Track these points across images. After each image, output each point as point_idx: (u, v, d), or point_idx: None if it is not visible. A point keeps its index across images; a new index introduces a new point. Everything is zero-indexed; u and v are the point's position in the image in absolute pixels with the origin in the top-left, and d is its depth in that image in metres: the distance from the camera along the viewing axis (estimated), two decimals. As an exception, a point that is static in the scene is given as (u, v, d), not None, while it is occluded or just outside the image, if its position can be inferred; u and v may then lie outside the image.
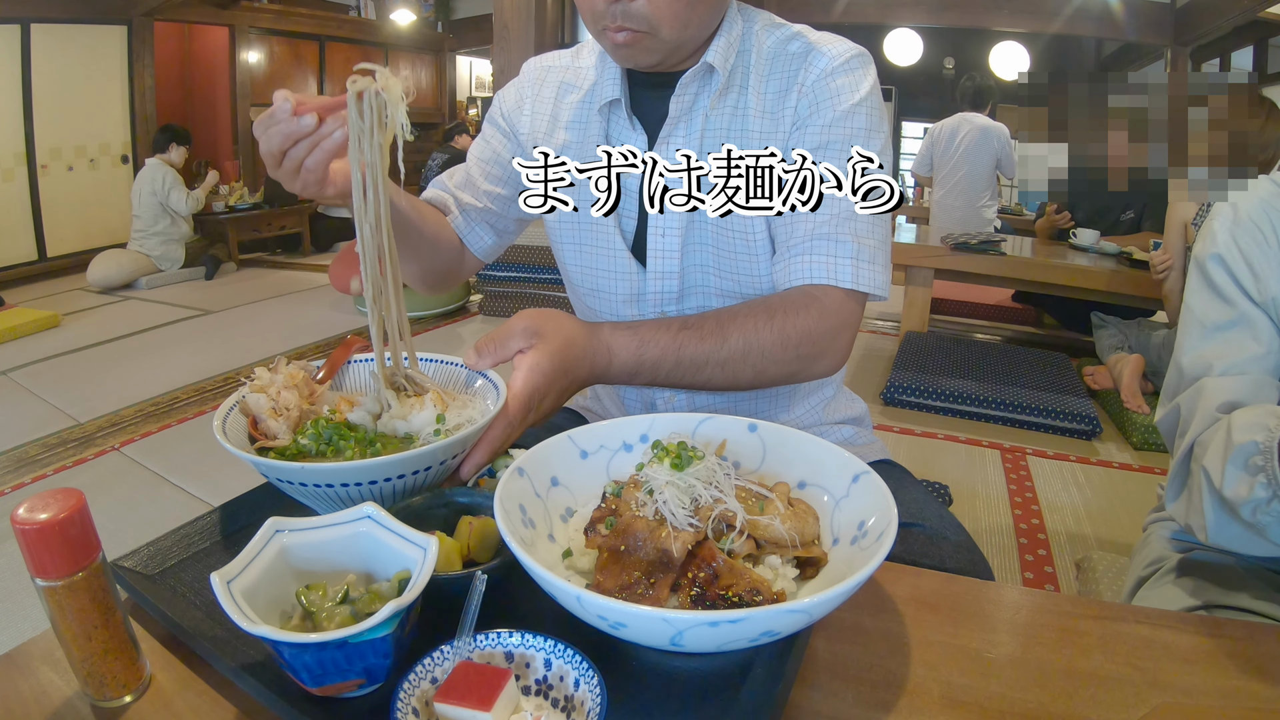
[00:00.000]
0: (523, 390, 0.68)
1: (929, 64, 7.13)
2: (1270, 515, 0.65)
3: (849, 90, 0.82)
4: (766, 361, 0.78)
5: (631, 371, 0.76)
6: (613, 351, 0.75)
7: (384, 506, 0.58)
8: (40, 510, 0.47)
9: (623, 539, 0.56)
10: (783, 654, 0.52)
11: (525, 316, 0.71)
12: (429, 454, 0.60)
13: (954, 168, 4.03)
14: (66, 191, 5.26)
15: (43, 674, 0.54)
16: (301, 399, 0.68)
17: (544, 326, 0.70)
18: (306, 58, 7.11)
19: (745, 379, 0.79)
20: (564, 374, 0.71)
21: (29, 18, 4.84)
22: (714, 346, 0.77)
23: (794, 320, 0.78)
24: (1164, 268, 2.58)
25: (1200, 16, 5.00)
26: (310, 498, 0.62)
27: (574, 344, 0.72)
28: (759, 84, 0.85)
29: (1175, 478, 0.80)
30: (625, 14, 0.76)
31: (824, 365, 0.82)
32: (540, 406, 0.69)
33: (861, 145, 0.80)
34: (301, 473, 0.58)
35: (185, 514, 0.71)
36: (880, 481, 0.60)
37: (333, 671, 0.47)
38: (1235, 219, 0.80)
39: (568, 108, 0.95)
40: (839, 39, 0.86)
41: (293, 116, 0.65)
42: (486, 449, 0.66)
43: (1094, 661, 0.56)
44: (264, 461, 0.59)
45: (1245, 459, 0.67)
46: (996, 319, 4.05)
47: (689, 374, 0.78)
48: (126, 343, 3.79)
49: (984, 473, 2.38)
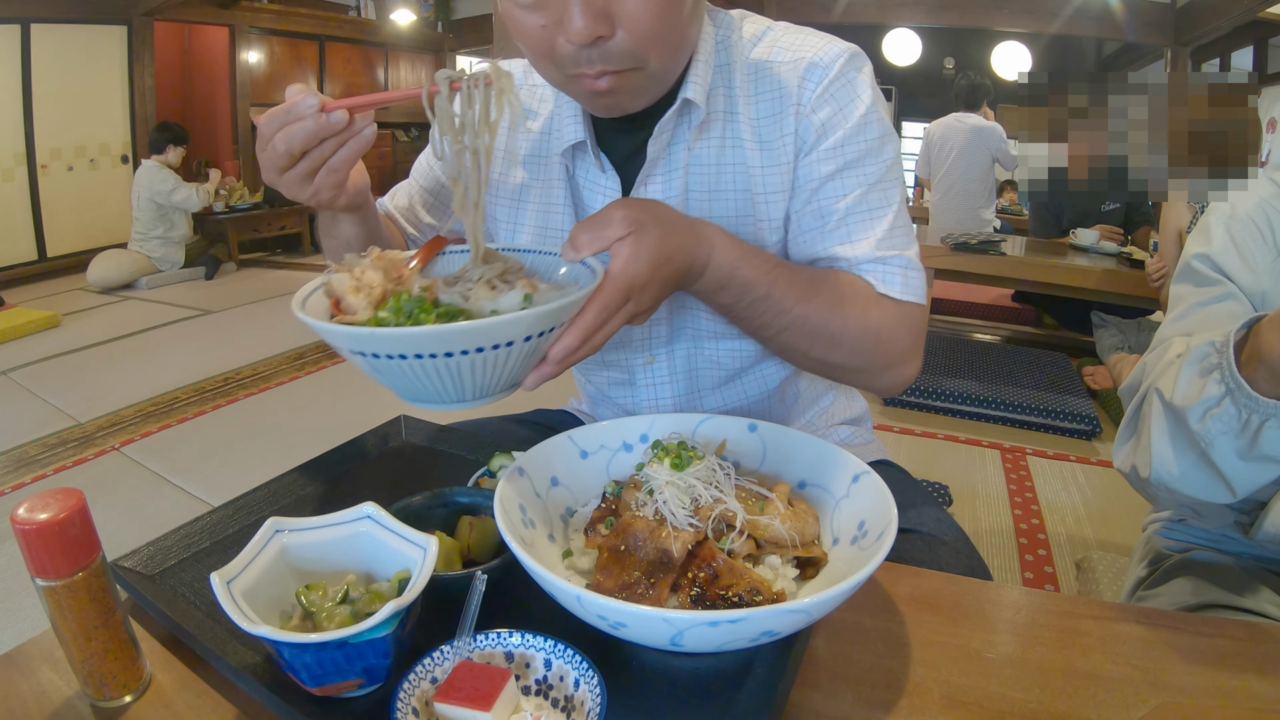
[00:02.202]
0: (621, 275, 0.59)
1: (929, 64, 7.13)
2: (1220, 422, 0.64)
3: (852, 102, 0.75)
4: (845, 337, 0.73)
5: (723, 281, 0.68)
6: (714, 249, 0.67)
7: (461, 399, 0.55)
8: (40, 510, 0.47)
9: (623, 539, 0.56)
10: (783, 654, 0.52)
11: (622, 204, 0.63)
12: (508, 324, 0.52)
13: (948, 170, 4.03)
14: (66, 191, 5.26)
15: (43, 674, 0.54)
16: (388, 280, 0.61)
17: (643, 214, 0.62)
18: (306, 58, 7.11)
19: (815, 349, 0.73)
20: (666, 261, 0.62)
21: (29, 18, 4.84)
22: (803, 294, 0.71)
23: (875, 314, 0.74)
24: (1159, 276, 2.58)
25: (1200, 16, 4.99)
26: (389, 374, 0.56)
27: (675, 231, 0.64)
28: (748, 108, 0.78)
29: (1126, 427, 0.78)
30: (605, 55, 0.64)
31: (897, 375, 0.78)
32: (640, 298, 0.61)
33: (875, 157, 0.76)
34: (370, 339, 0.52)
35: (185, 514, 0.71)
36: (880, 481, 0.60)
37: (333, 671, 0.47)
38: (1233, 215, 0.80)
39: (524, 140, 0.85)
40: (826, 39, 0.78)
41: (321, 113, 0.60)
42: (579, 333, 0.58)
43: (1094, 661, 0.56)
44: (332, 328, 0.53)
45: (1201, 359, 0.67)
46: (996, 319, 4.05)
47: (769, 314, 0.71)
48: (126, 343, 3.79)
49: (984, 473, 2.38)
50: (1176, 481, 0.70)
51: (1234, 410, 0.63)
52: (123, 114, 5.56)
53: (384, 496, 0.72)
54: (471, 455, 0.85)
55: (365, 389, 3.13)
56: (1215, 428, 0.65)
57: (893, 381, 0.78)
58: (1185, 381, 0.67)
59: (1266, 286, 0.77)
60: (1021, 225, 4.44)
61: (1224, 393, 0.64)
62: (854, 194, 0.76)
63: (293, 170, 0.64)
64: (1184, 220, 2.52)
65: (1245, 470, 0.65)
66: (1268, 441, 0.62)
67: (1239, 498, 0.68)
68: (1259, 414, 0.62)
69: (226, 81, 6.56)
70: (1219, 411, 0.64)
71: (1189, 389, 0.67)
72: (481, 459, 0.82)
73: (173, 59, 6.53)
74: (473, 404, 0.58)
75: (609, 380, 0.91)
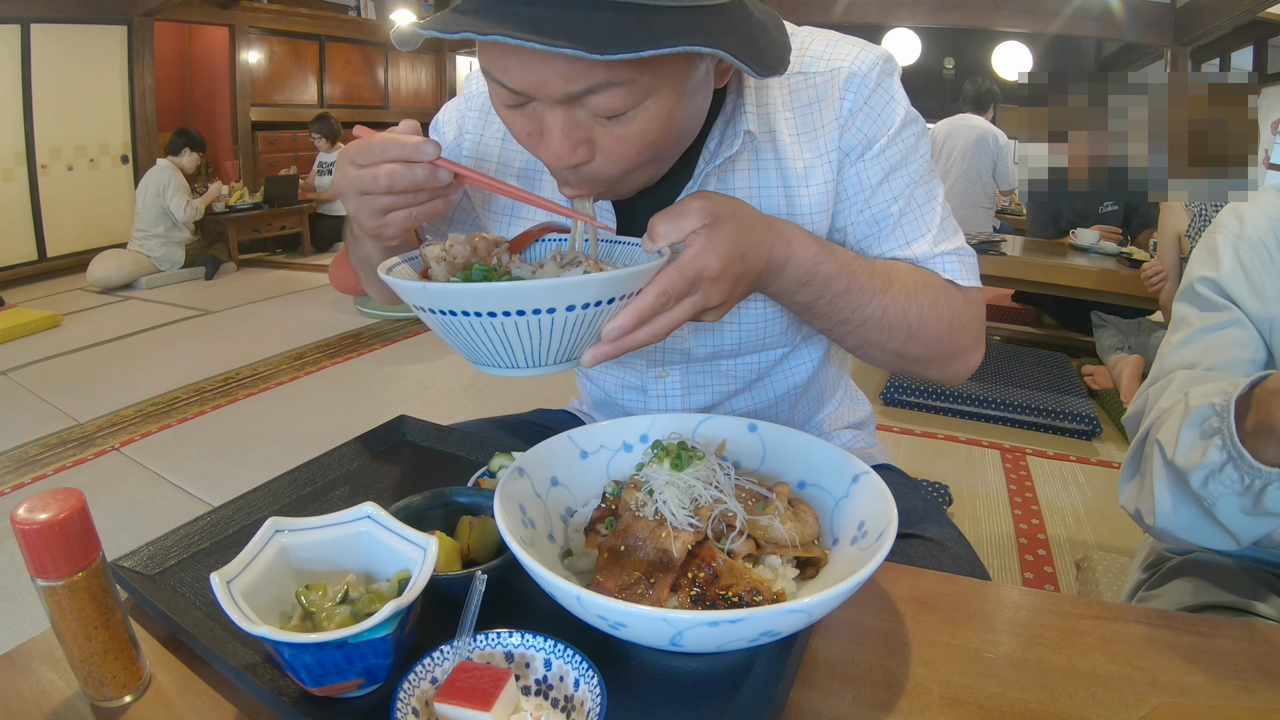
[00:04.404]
0: (690, 264, 0.57)
1: (929, 64, 7.13)
2: (1222, 485, 0.63)
3: (890, 108, 0.75)
4: (922, 327, 0.73)
5: (805, 279, 0.66)
6: (793, 246, 0.65)
7: (514, 365, 0.57)
8: (40, 510, 0.47)
9: (623, 539, 0.56)
10: (783, 654, 0.52)
11: (701, 195, 0.61)
12: (545, 289, 0.52)
13: (949, 169, 4.03)
14: (66, 191, 5.26)
15: (43, 674, 0.54)
16: (475, 256, 0.63)
17: (722, 207, 0.60)
18: (306, 58, 7.11)
19: (893, 342, 0.72)
20: (740, 258, 0.60)
21: (29, 18, 4.84)
22: (881, 285, 0.70)
23: (946, 302, 0.74)
24: (1157, 281, 2.58)
25: (1200, 16, 4.99)
26: (448, 333, 0.58)
27: (753, 227, 0.62)
28: (786, 123, 0.75)
29: (1129, 464, 0.78)
30: (581, 178, 0.63)
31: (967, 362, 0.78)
32: (710, 291, 0.59)
33: (914, 154, 0.76)
34: (420, 292, 0.54)
35: (185, 514, 0.71)
36: (880, 482, 0.60)
37: (333, 671, 0.47)
38: (1241, 235, 0.78)
39: (518, 152, 0.82)
40: (858, 45, 0.76)
41: (433, 165, 0.60)
42: (634, 313, 0.56)
43: (1094, 661, 0.56)
44: (397, 281, 0.56)
45: (1201, 421, 0.65)
46: (996, 319, 4.05)
47: (850, 308, 0.69)
48: (126, 343, 3.78)
49: (984, 473, 2.38)
50: (1182, 531, 0.70)
51: (1236, 476, 0.63)
52: (122, 114, 5.56)
53: (384, 496, 0.72)
54: (471, 455, 0.85)
55: (365, 389, 3.13)
56: (1217, 490, 0.64)
57: (962, 369, 0.78)
58: (1186, 444, 0.66)
59: (1275, 312, 0.75)
60: (1021, 225, 4.44)
61: (1225, 460, 0.63)
62: (904, 195, 0.76)
63: (377, 201, 0.62)
64: (1183, 223, 2.51)
65: (1250, 524, 0.65)
66: (1272, 500, 0.62)
67: (1244, 546, 0.68)
68: (1261, 479, 0.61)
69: (226, 81, 6.56)
70: (1221, 476, 0.63)
71: (1190, 451, 0.66)
72: (481, 459, 0.82)
73: (173, 59, 6.54)
74: (529, 371, 0.59)
75: (621, 384, 0.91)
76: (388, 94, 7.98)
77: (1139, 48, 6.29)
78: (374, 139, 0.61)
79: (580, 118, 0.58)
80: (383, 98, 7.94)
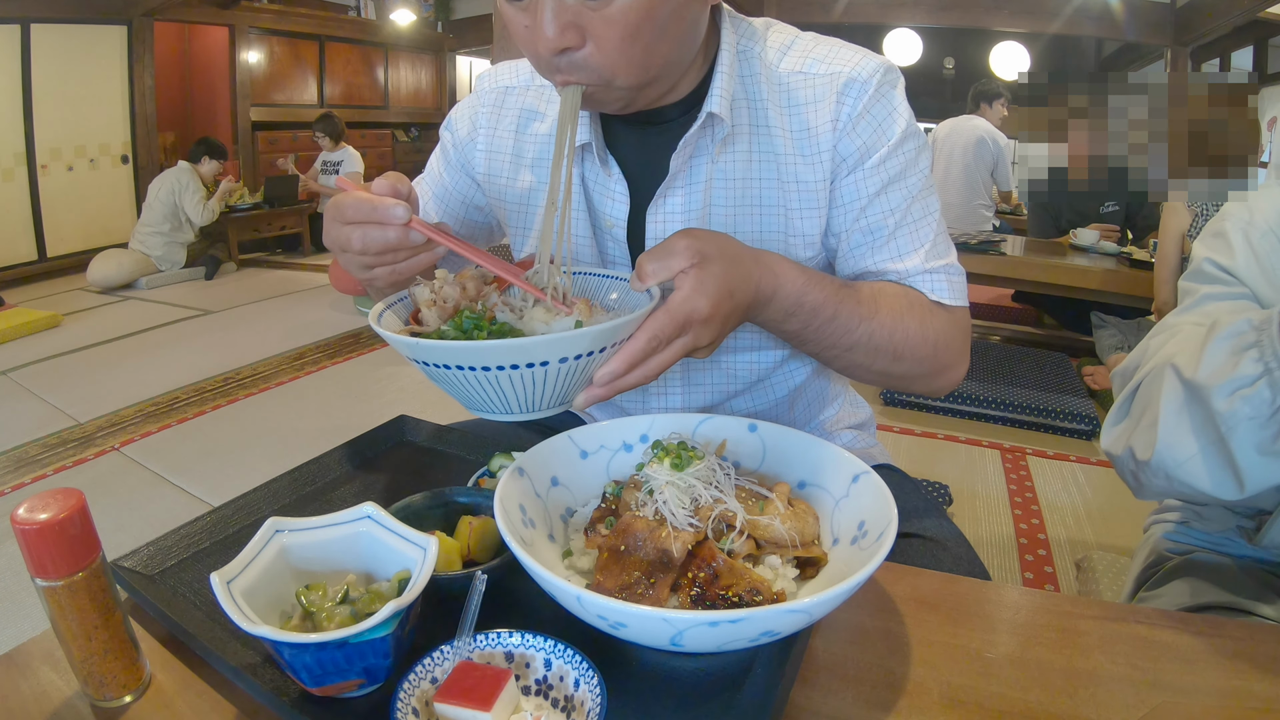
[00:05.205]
0: (680, 308, 0.59)
1: (929, 64, 7.12)
2: (1249, 405, 0.59)
3: (891, 119, 0.76)
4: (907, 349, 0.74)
5: (791, 309, 0.68)
6: (779, 279, 0.67)
7: (508, 411, 0.59)
8: (40, 510, 0.47)
9: (623, 539, 0.56)
10: (783, 654, 0.52)
11: (687, 234, 0.62)
12: (539, 345, 0.54)
13: (948, 167, 4.03)
14: (66, 191, 5.26)
15: (43, 674, 0.54)
16: (464, 296, 0.64)
17: (708, 245, 0.62)
18: (306, 58, 7.11)
19: (879, 363, 0.74)
20: (729, 296, 0.62)
21: (29, 18, 4.84)
22: (868, 312, 0.72)
23: (931, 324, 0.76)
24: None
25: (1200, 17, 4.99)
26: (442, 382, 0.59)
27: (740, 263, 0.63)
28: (782, 119, 0.76)
29: (1117, 410, 0.75)
30: (571, 65, 0.64)
31: (950, 377, 0.80)
32: (700, 332, 0.61)
33: (914, 169, 0.77)
34: (417, 348, 0.56)
35: (185, 514, 0.71)
36: (880, 481, 0.60)
37: (333, 671, 0.47)
38: (1251, 222, 0.76)
39: (532, 142, 0.84)
40: (859, 53, 0.77)
41: (405, 227, 0.60)
42: (625, 359, 0.58)
43: (1094, 661, 0.56)
44: (391, 336, 0.58)
45: (1235, 335, 0.62)
46: (996, 319, 4.05)
47: (837, 335, 0.71)
48: (126, 343, 3.78)
49: (984, 473, 2.38)
50: (1179, 467, 0.65)
51: (1268, 395, 0.58)
52: (123, 114, 5.56)
53: (384, 496, 0.72)
54: (471, 455, 0.85)
55: (365, 389, 3.13)
56: (1243, 410, 0.59)
57: (947, 383, 0.80)
58: (1213, 358, 0.62)
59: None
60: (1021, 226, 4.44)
61: (1261, 373, 0.58)
62: (900, 209, 0.77)
63: (359, 258, 0.63)
64: (1184, 223, 2.51)
65: (1260, 466, 0.61)
66: None
67: (1246, 494, 0.63)
68: None
69: (226, 81, 6.56)
70: (1250, 393, 0.59)
71: (1217, 366, 0.61)
72: (481, 459, 0.82)
73: (173, 59, 6.54)
74: (523, 416, 0.61)
75: None
76: (387, 94, 7.98)
77: (1139, 48, 6.29)
78: (346, 199, 0.62)
79: (568, 3, 0.61)
80: (383, 98, 7.94)
